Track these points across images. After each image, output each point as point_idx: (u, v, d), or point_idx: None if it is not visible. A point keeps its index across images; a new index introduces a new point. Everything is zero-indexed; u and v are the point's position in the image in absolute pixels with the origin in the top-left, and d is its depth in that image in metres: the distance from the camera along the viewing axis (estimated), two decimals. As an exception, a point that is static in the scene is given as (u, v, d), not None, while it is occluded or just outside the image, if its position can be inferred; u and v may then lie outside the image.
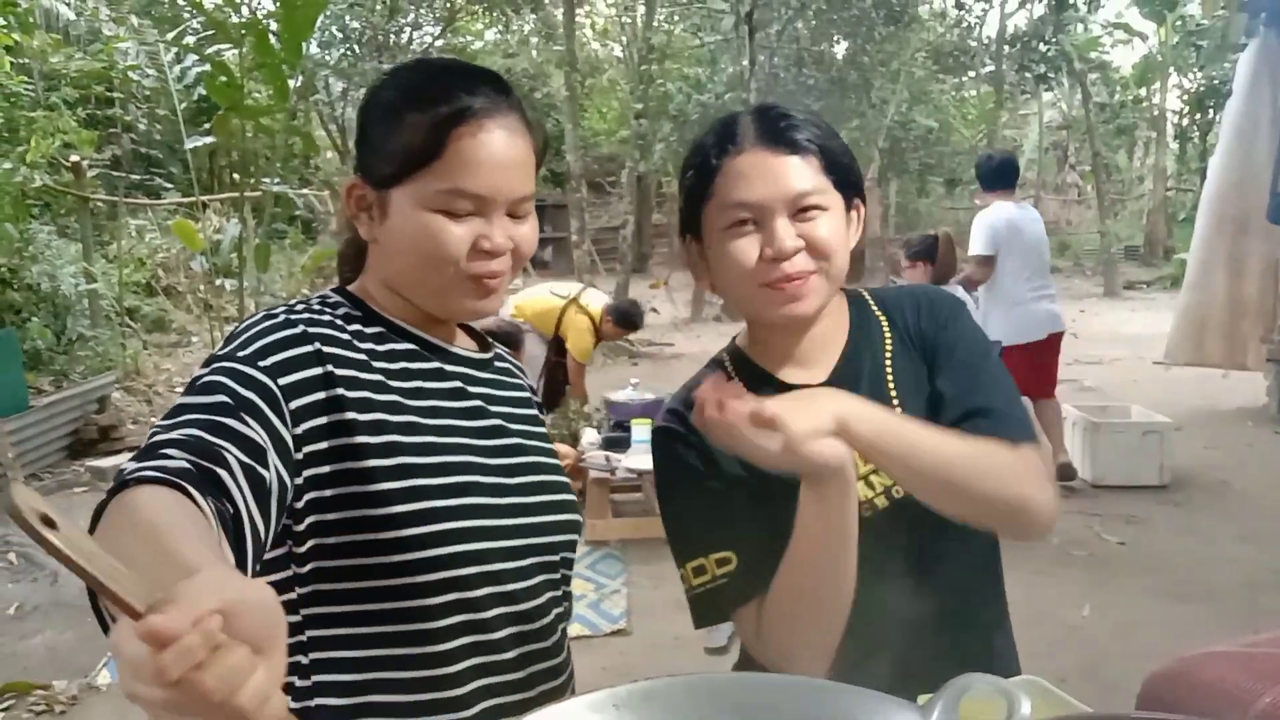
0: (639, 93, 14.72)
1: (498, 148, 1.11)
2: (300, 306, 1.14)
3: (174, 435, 0.94)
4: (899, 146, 18.70)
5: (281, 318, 1.10)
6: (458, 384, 1.21)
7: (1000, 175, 5.64)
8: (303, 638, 1.11)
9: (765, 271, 1.22)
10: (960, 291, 5.23)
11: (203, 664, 0.57)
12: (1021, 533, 1.21)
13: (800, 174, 1.22)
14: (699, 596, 1.25)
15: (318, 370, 1.07)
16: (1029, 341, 5.52)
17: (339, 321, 1.14)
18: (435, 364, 1.20)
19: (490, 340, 1.35)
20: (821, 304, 1.26)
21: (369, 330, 1.16)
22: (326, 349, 1.09)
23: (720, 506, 1.26)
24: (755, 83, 14.14)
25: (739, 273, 1.24)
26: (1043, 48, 16.45)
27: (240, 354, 1.05)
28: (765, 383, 1.31)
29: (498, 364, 1.31)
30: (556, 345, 6.51)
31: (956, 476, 1.12)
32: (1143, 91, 22.62)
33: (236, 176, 8.78)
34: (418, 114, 1.10)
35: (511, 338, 5.61)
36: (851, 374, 1.30)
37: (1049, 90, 19.70)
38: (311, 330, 1.09)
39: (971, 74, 19.39)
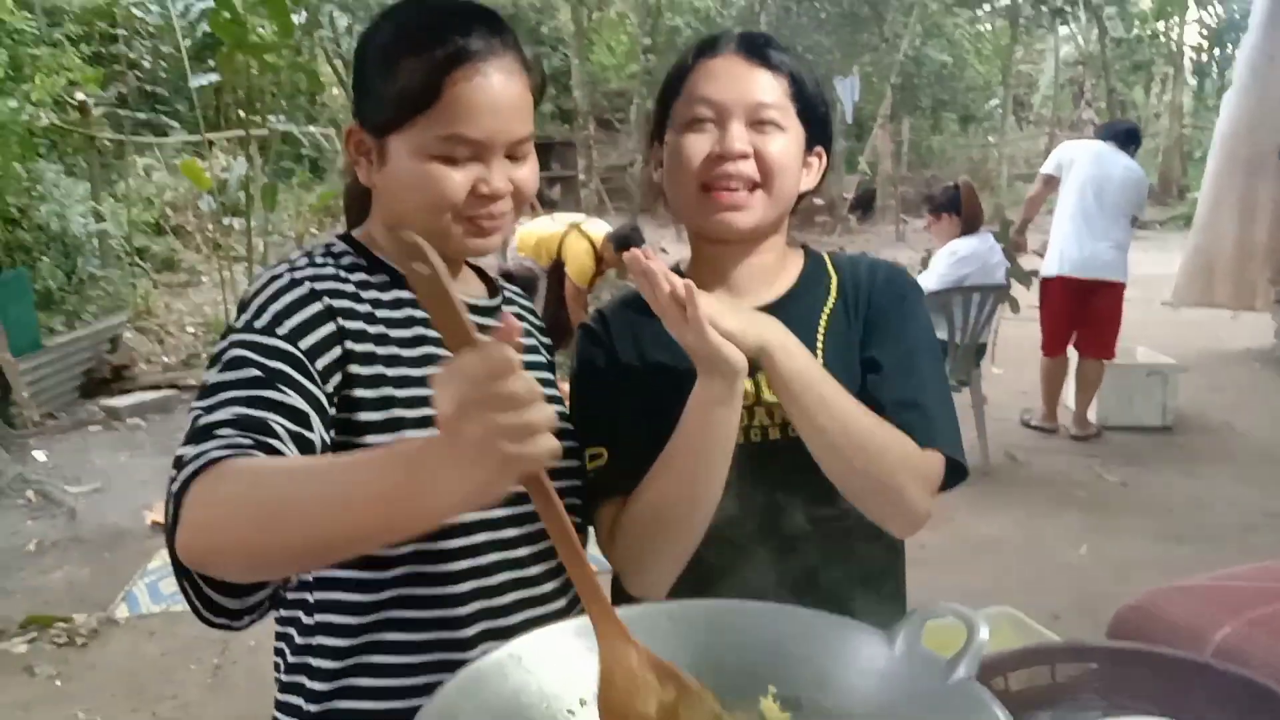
0: (647, 27, 14.53)
1: (495, 91, 1.10)
2: (303, 261, 1.14)
3: (220, 415, 0.96)
4: (911, 82, 18.45)
5: (286, 278, 1.10)
6: None
7: (1118, 134, 5.66)
8: (309, 577, 1.13)
9: (709, 169, 1.25)
10: (992, 241, 5.20)
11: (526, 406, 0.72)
12: (884, 521, 1.24)
13: (766, 86, 1.27)
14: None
15: (331, 327, 1.08)
16: (1068, 276, 5.45)
17: (343, 273, 1.14)
18: None
19: (501, 284, 1.34)
20: (758, 222, 1.28)
21: (374, 279, 1.16)
22: (335, 303, 1.10)
23: (605, 404, 1.30)
24: (766, 16, 13.96)
25: (685, 168, 1.27)
26: (1060, -20, 16.14)
27: (257, 324, 1.05)
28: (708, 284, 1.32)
29: (505, 309, 1.31)
30: (556, 272, 6.42)
31: (851, 445, 1.16)
32: (1161, 26, 22.17)
33: (243, 114, 8.72)
34: (413, 58, 1.09)
35: (529, 281, 5.63)
36: (783, 316, 1.28)
37: (1064, 25, 19.32)
38: (318, 287, 1.10)
39: (987, 7, 19.04)
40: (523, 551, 1.18)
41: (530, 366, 1.28)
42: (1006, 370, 6.95)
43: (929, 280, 5.01)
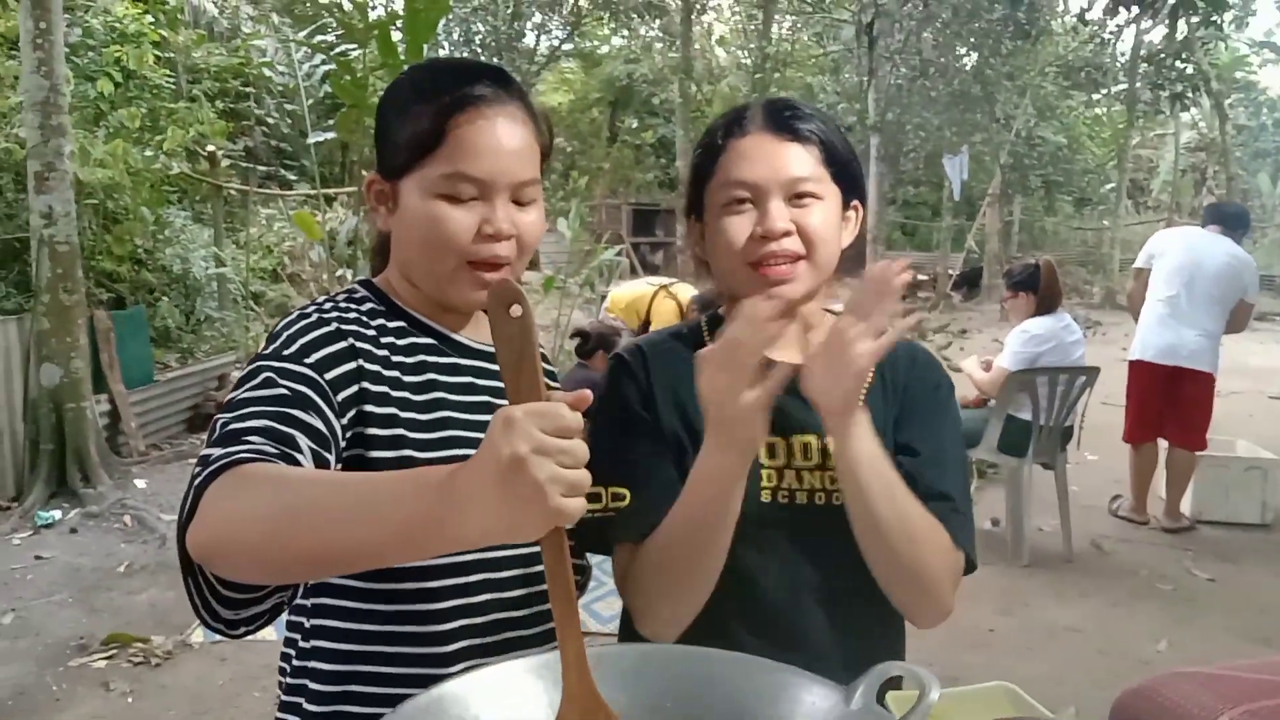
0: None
1: (498, 133, 1.15)
2: (328, 305, 1.20)
3: (249, 424, 0.99)
4: (1022, 162, 18.25)
5: (314, 317, 1.15)
6: (469, 379, 1.25)
7: (1223, 217, 5.50)
8: (307, 604, 1.19)
9: (754, 249, 1.26)
10: (1069, 320, 5.09)
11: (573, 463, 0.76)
12: (914, 610, 1.29)
13: (799, 160, 1.27)
14: (587, 522, 1.30)
15: (352, 365, 1.12)
16: (1151, 362, 5.31)
17: (364, 317, 1.19)
18: (451, 359, 1.24)
19: None
20: (805, 292, 1.30)
21: (391, 324, 1.21)
22: (358, 344, 1.14)
23: (633, 445, 1.30)
24: (874, 93, 14.02)
25: (730, 250, 1.28)
26: (1180, 65, 15.82)
27: (285, 352, 1.10)
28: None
29: None
30: (644, 331, 6.56)
31: (903, 536, 1.19)
32: (1290, 114, 21.55)
33: (363, 172, 9.17)
34: (422, 105, 1.15)
35: (607, 339, 5.73)
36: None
37: (1185, 110, 18.93)
38: (344, 327, 1.15)
39: (1104, 91, 18.78)
40: (516, 593, 1.21)
41: None
42: (1101, 457, 6.74)
43: (1004, 359, 4.93)
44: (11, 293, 6.39)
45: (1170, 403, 5.32)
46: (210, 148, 8.76)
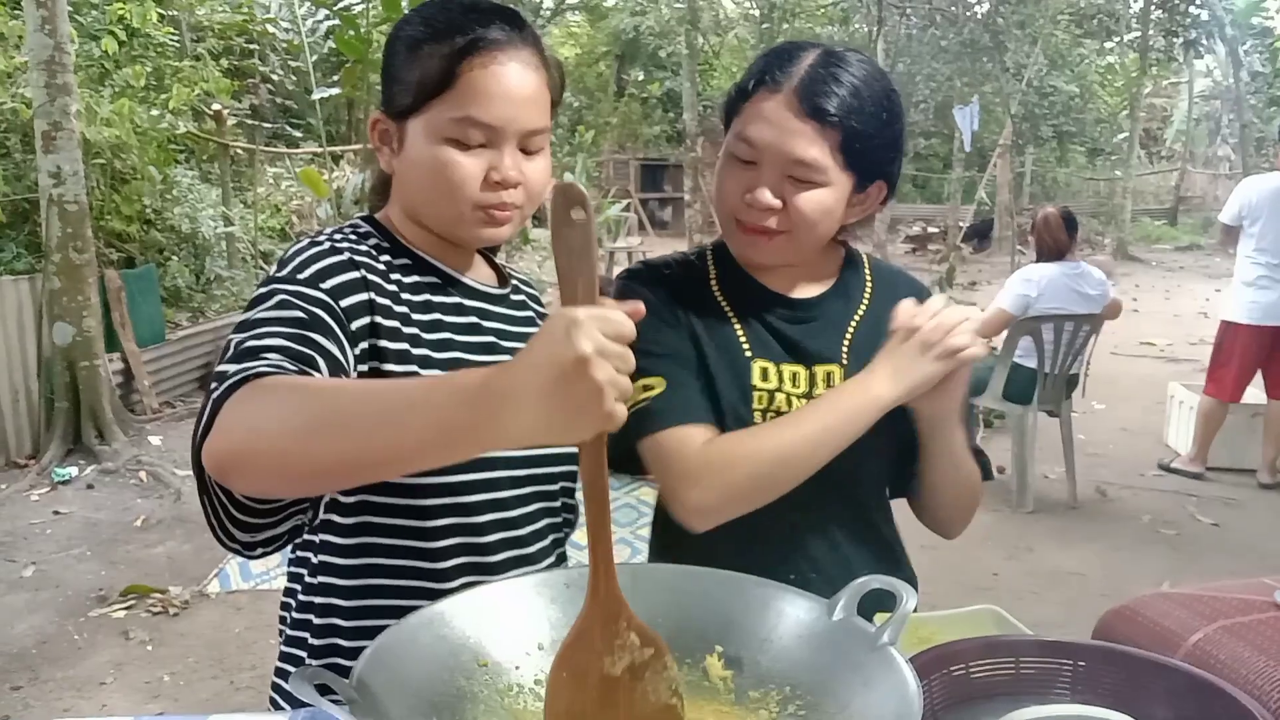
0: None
1: (509, 79, 1.13)
2: (339, 235, 1.20)
3: (267, 342, 0.98)
4: (1034, 113, 18.05)
5: (327, 245, 1.15)
6: (474, 319, 1.25)
7: None
8: (315, 539, 1.21)
9: (741, 208, 1.29)
10: (1084, 268, 5.03)
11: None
12: (954, 528, 1.48)
13: (809, 144, 1.24)
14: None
15: (365, 296, 1.12)
16: (1254, 325, 5.20)
17: (372, 251, 1.18)
18: (455, 298, 1.24)
19: (510, 273, 1.39)
20: (781, 261, 1.34)
21: (397, 261, 1.21)
22: (370, 277, 1.14)
23: (656, 339, 1.31)
24: (883, 43, 13.85)
25: (723, 200, 1.32)
26: (1194, 11, 15.59)
27: (300, 276, 1.08)
28: (743, 281, 1.39)
29: (514, 297, 1.35)
30: None
31: (965, 489, 1.42)
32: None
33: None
34: (433, 45, 1.13)
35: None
36: (812, 317, 1.39)
37: (1199, 58, 18.67)
38: (357, 259, 1.14)
39: (1116, 39, 18.52)
40: (516, 512, 1.24)
41: None
42: (1108, 406, 6.76)
43: (1000, 299, 4.96)
44: (22, 253, 6.42)
45: (1271, 358, 5.26)
46: (216, 106, 8.74)
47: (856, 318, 1.40)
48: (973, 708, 1.08)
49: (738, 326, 1.36)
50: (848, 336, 1.38)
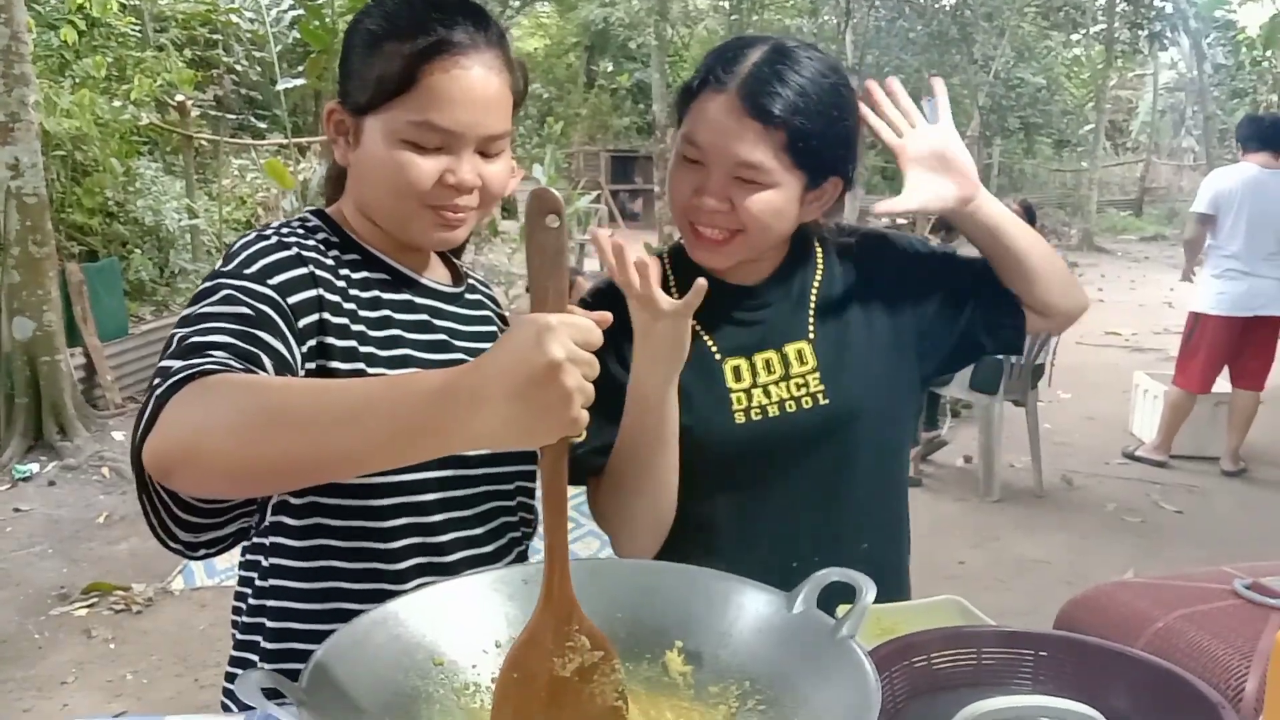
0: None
1: (471, 84, 1.10)
2: (286, 230, 1.17)
3: (212, 339, 0.96)
4: (1001, 104, 18.19)
5: (275, 239, 1.12)
6: (425, 316, 1.23)
7: (1266, 137, 5.21)
8: (265, 542, 1.18)
9: (692, 209, 1.28)
10: None
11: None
12: (1074, 306, 1.43)
13: (753, 147, 1.22)
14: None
15: (313, 293, 1.10)
16: (1223, 315, 5.23)
17: (321, 245, 1.16)
18: (405, 295, 1.22)
19: (466, 272, 1.37)
20: (732, 261, 1.32)
21: (345, 257, 1.18)
22: (318, 273, 1.12)
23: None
24: (852, 35, 13.92)
25: (674, 197, 1.31)
26: (1159, 4, 15.74)
27: (246, 271, 1.06)
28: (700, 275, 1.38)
29: (469, 296, 1.33)
30: None
31: (1046, 257, 1.38)
32: (1269, 54, 21.50)
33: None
34: (394, 44, 1.10)
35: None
36: (778, 289, 1.39)
37: (1163, 50, 18.85)
38: (305, 254, 1.12)
39: (1083, 31, 18.68)
40: (470, 511, 1.22)
41: None
42: (1074, 395, 6.82)
43: None
44: (-20, 247, 6.31)
45: (1238, 348, 5.31)
46: (179, 97, 8.62)
47: (815, 284, 1.40)
48: (935, 699, 1.07)
49: (702, 332, 1.35)
50: (811, 307, 1.38)
